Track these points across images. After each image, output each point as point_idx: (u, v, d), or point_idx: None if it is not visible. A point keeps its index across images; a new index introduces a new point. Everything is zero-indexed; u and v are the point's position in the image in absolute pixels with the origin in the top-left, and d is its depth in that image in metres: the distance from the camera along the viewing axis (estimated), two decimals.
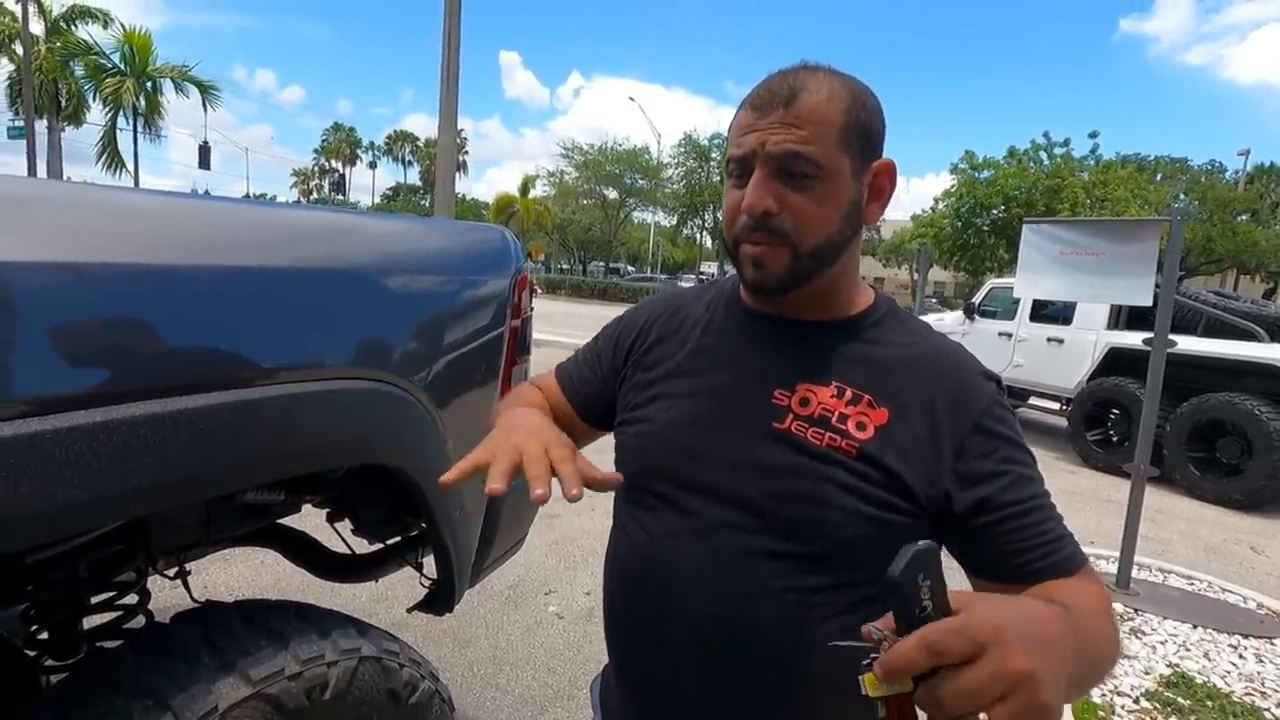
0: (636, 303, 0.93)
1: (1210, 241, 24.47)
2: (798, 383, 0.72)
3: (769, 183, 0.67)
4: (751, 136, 0.68)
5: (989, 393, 0.70)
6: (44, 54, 19.99)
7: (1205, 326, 5.89)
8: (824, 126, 0.67)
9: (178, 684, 0.86)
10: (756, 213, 0.68)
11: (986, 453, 0.67)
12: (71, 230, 0.81)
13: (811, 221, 0.68)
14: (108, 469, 0.75)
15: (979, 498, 0.66)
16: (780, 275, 0.70)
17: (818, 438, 0.69)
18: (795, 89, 0.67)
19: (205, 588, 2.72)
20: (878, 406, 0.69)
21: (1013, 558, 0.65)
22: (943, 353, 0.73)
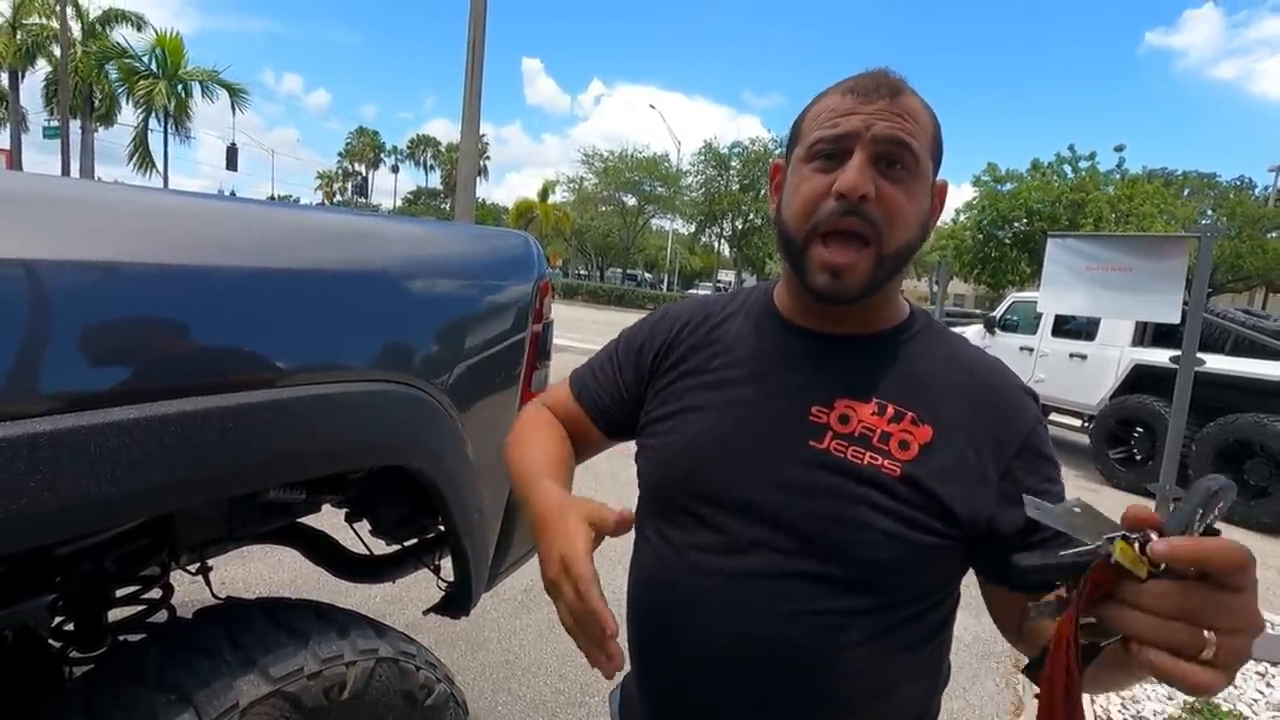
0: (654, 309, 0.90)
1: (1239, 258, 24.05)
2: (836, 399, 0.70)
3: (870, 167, 0.64)
4: (855, 118, 0.65)
5: (1033, 412, 0.70)
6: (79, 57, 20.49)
7: (1233, 345, 5.78)
8: (922, 128, 0.66)
9: (200, 679, 0.87)
10: (857, 194, 0.63)
11: (1031, 472, 0.67)
12: (104, 230, 0.82)
13: (902, 216, 0.65)
14: (139, 465, 0.76)
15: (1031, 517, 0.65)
16: (860, 284, 0.66)
17: (858, 457, 0.67)
18: (899, 86, 0.66)
19: (224, 584, 2.75)
20: (921, 424, 0.67)
21: None
22: (985, 368, 0.72)
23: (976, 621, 3.19)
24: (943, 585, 0.71)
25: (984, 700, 2.60)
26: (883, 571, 0.66)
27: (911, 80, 0.69)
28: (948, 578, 0.71)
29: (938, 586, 0.71)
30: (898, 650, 0.69)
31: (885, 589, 0.67)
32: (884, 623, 0.68)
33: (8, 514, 0.67)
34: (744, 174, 31.90)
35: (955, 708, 2.50)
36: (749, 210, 32.18)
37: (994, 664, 2.87)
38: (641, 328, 0.87)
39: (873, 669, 0.68)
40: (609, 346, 0.89)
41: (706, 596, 0.71)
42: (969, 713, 2.51)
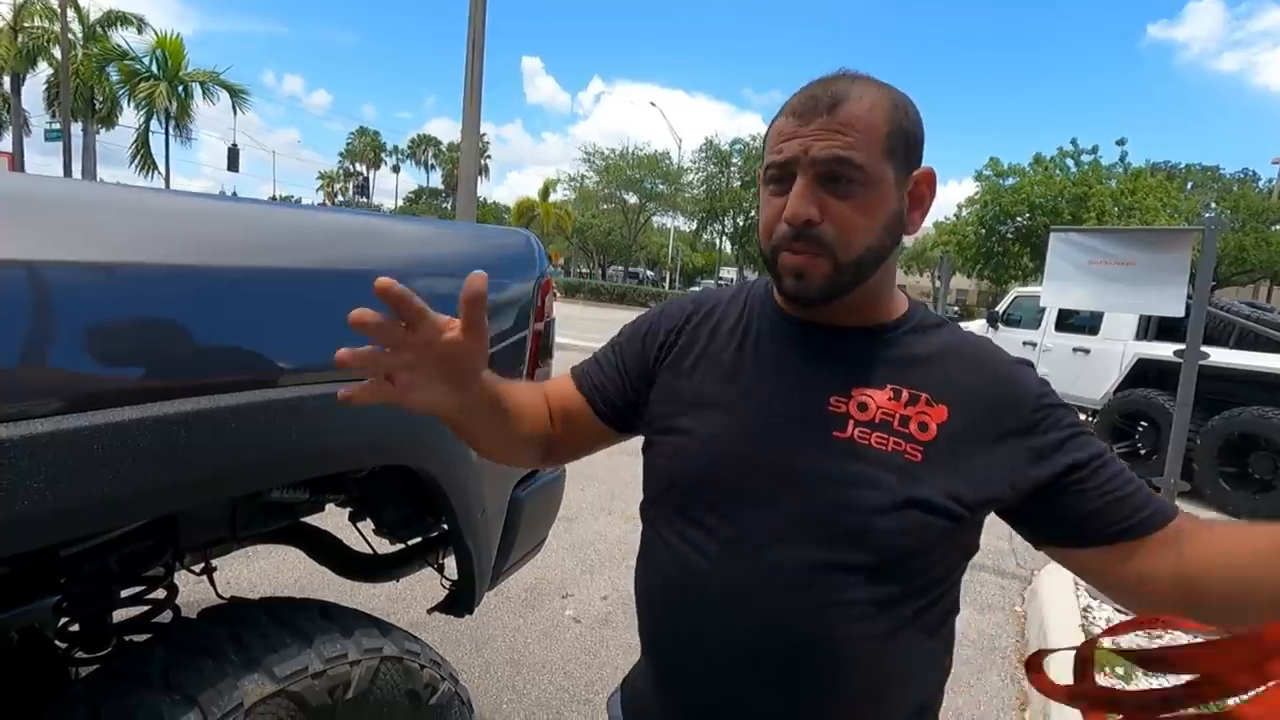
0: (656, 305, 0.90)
1: (1243, 251, 23.96)
2: (851, 388, 0.71)
3: (812, 190, 0.66)
4: (794, 143, 0.66)
5: (1033, 375, 0.72)
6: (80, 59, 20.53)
7: (1238, 338, 5.76)
8: (868, 134, 0.65)
9: (205, 680, 0.87)
10: (799, 222, 0.66)
11: (1053, 424, 0.68)
12: (107, 231, 0.82)
13: (854, 231, 0.67)
14: (142, 465, 0.76)
15: (1067, 462, 0.67)
16: (821, 286, 0.68)
17: (882, 443, 0.68)
18: (839, 96, 0.66)
19: (228, 584, 2.76)
20: (935, 404, 0.69)
21: (1117, 509, 0.65)
22: (980, 347, 0.75)
23: (981, 617, 3.19)
24: (955, 568, 0.73)
25: (989, 696, 2.60)
26: (913, 556, 0.67)
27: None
28: (961, 559, 0.73)
29: (952, 568, 0.72)
30: (921, 635, 0.70)
31: (910, 575, 0.68)
32: (906, 612, 0.68)
33: (10, 516, 0.67)
34: (745, 170, 31.89)
35: (960, 703, 2.50)
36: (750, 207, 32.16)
37: (999, 659, 2.87)
38: (645, 320, 0.87)
39: (893, 657, 0.68)
40: (612, 340, 0.89)
41: (733, 593, 0.70)
42: (974, 708, 2.50)
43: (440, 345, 0.62)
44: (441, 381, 0.65)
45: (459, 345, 0.62)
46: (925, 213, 0.73)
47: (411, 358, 0.62)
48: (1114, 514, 0.65)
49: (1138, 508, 0.65)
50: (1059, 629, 2.85)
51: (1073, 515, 0.66)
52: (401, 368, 0.63)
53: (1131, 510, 0.65)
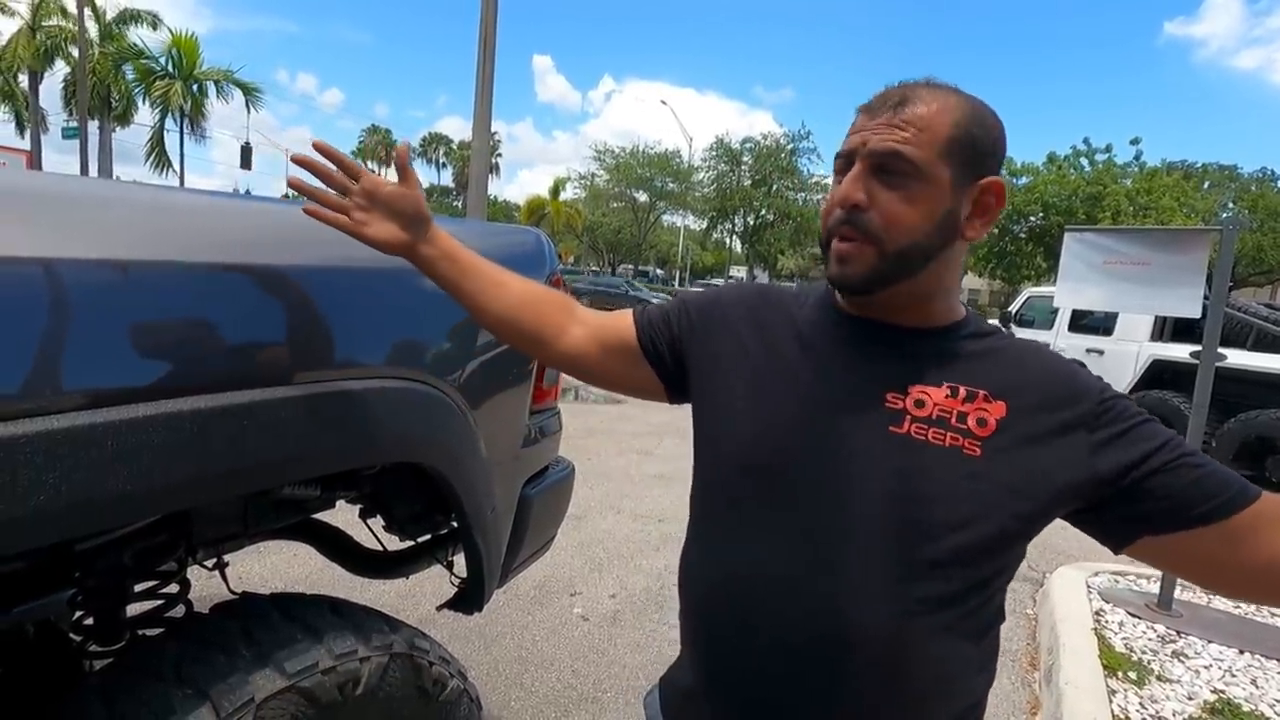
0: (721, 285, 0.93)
1: (1261, 252, 23.64)
2: (909, 385, 0.71)
3: (864, 178, 0.69)
4: (858, 135, 0.70)
5: (1092, 375, 0.72)
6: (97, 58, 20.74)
7: (1255, 340, 5.69)
8: (928, 133, 0.68)
9: (216, 674, 0.88)
10: (847, 204, 0.69)
11: (1119, 414, 0.68)
12: (122, 228, 0.83)
13: (899, 221, 0.68)
14: (155, 462, 0.77)
15: (1142, 449, 0.65)
16: (864, 273, 0.70)
17: (939, 439, 0.68)
18: (907, 97, 0.69)
19: (240, 579, 2.79)
20: (994, 400, 0.69)
21: (1202, 487, 0.64)
22: (1035, 350, 0.75)
23: None
24: (1006, 569, 0.72)
25: (1000, 699, 2.58)
26: (968, 553, 0.67)
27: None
28: (1013, 562, 0.72)
29: (1003, 569, 0.72)
30: (967, 638, 0.70)
31: (966, 573, 0.68)
32: (960, 610, 0.68)
33: (26, 511, 0.68)
34: (756, 169, 31.77)
35: None
36: (760, 206, 32.05)
37: (1010, 662, 2.85)
38: (704, 297, 0.90)
39: (945, 657, 0.68)
40: (673, 300, 0.93)
41: (783, 585, 0.71)
42: (986, 712, 2.48)
43: (382, 194, 0.85)
44: (390, 222, 0.86)
45: (396, 191, 0.85)
46: (989, 222, 0.74)
47: (362, 201, 0.85)
48: (1197, 496, 0.64)
49: (1223, 486, 0.64)
50: (1071, 632, 2.83)
51: (1159, 500, 0.65)
52: (354, 208, 0.85)
53: (1216, 490, 0.64)
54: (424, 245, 0.87)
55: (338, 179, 0.86)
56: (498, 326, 0.91)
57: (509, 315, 0.90)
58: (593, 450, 5.45)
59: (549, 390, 1.59)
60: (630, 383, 0.91)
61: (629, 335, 0.89)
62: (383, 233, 0.85)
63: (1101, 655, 2.66)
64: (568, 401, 7.87)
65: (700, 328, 0.86)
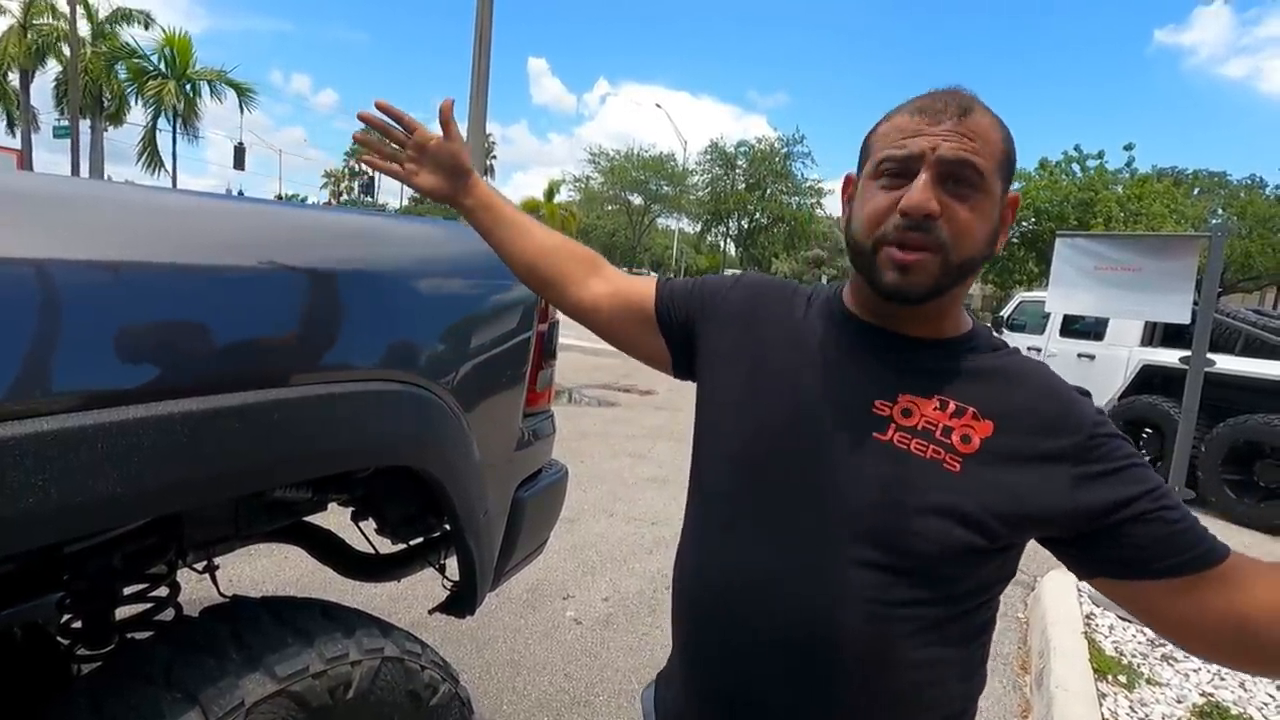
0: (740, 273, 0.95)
1: (1249, 258, 23.85)
2: (899, 394, 0.71)
3: (934, 187, 0.67)
4: (921, 139, 0.67)
5: (1090, 404, 0.71)
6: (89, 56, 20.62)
7: (1244, 345, 5.73)
8: (991, 146, 0.68)
9: (206, 678, 0.87)
10: (921, 213, 0.66)
11: (1107, 453, 0.67)
12: (112, 230, 0.82)
13: (968, 232, 0.68)
14: (145, 464, 0.77)
15: (1124, 494, 0.65)
16: (927, 283, 0.68)
17: (921, 449, 0.68)
18: (967, 105, 0.68)
19: (230, 582, 2.77)
20: (982, 419, 0.69)
21: (1172, 544, 0.63)
22: (1039, 372, 0.74)
23: None
24: (991, 586, 0.72)
25: (992, 703, 2.59)
26: (941, 564, 0.67)
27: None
28: (998, 579, 0.72)
29: (986, 586, 0.71)
30: (948, 645, 0.70)
31: (942, 582, 0.68)
32: (937, 617, 0.68)
33: (14, 513, 0.67)
34: (750, 173, 31.89)
35: None
36: (755, 209, 32.14)
37: (1001, 665, 2.86)
38: (722, 280, 0.91)
39: (920, 662, 0.68)
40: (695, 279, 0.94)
41: (764, 583, 0.71)
42: (977, 715, 2.49)
43: (430, 148, 0.96)
44: (436, 174, 0.97)
45: (443, 146, 0.96)
46: (1007, 236, 0.74)
47: (413, 154, 0.97)
48: (1166, 549, 0.63)
49: (1192, 544, 0.63)
50: (1062, 635, 2.84)
51: (1127, 547, 0.65)
52: (407, 159, 0.98)
53: (1185, 546, 0.63)
54: (463, 194, 0.98)
55: (396, 134, 0.97)
56: (520, 269, 0.98)
57: (531, 259, 0.96)
58: (586, 453, 5.44)
59: (542, 393, 1.59)
60: (640, 347, 0.93)
61: (649, 301, 0.91)
62: (428, 181, 0.97)
63: (1092, 659, 2.68)
64: (561, 404, 7.86)
65: (712, 313, 0.86)
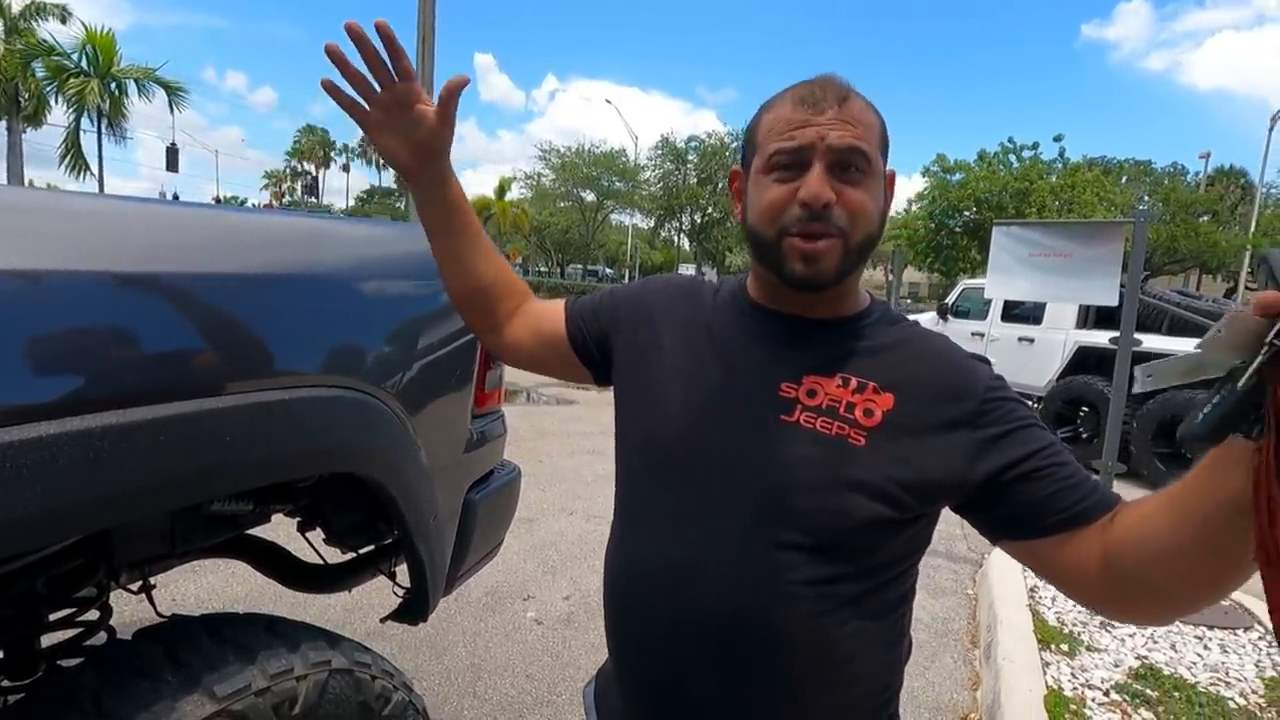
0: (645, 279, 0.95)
1: (1174, 242, 25.11)
2: (804, 375, 0.73)
3: (827, 176, 0.69)
4: (809, 130, 0.69)
5: (985, 369, 0.74)
6: (2, 54, 19.44)
7: (1170, 325, 6.04)
8: (870, 130, 0.71)
9: (139, 703, 0.84)
10: (819, 204, 0.68)
11: (1002, 415, 0.69)
12: (36, 236, 0.78)
13: (864, 215, 0.70)
14: (64, 483, 0.73)
15: (1015, 454, 0.66)
16: (832, 270, 0.70)
17: (827, 427, 0.70)
18: (844, 92, 0.71)
19: (174, 601, 2.66)
20: (882, 392, 0.71)
21: (1060, 499, 0.65)
22: (935, 342, 0.77)
23: (935, 601, 3.28)
24: (906, 557, 0.74)
25: (943, 677, 2.67)
26: (850, 540, 0.68)
27: (860, 76, 0.75)
28: (911, 551, 0.74)
29: (899, 558, 0.73)
30: (860, 620, 0.71)
31: (851, 559, 0.69)
32: (848, 593, 0.70)
33: None
34: (701, 168, 32.06)
35: (916, 685, 2.57)
36: (707, 204, 32.36)
37: (952, 641, 2.96)
38: (627, 290, 0.92)
39: (834, 639, 0.70)
40: (602, 294, 0.94)
41: (677, 571, 0.73)
42: (929, 690, 2.58)
43: (413, 112, 0.81)
44: (405, 140, 0.83)
45: (427, 118, 0.81)
46: (889, 212, 0.77)
47: (388, 101, 0.81)
48: (1057, 503, 0.65)
49: (1081, 497, 0.65)
50: (1007, 609, 2.95)
51: (1019, 506, 0.67)
52: (376, 110, 0.81)
53: (1075, 500, 0.65)
54: (429, 182, 0.86)
55: (383, 72, 0.79)
56: (460, 295, 0.93)
57: (476, 285, 0.91)
58: (544, 452, 5.40)
59: (491, 394, 1.57)
60: (561, 370, 0.94)
61: (560, 325, 0.91)
62: (392, 144, 0.83)
63: (1036, 629, 2.79)
64: (519, 404, 7.78)
65: (624, 320, 0.87)
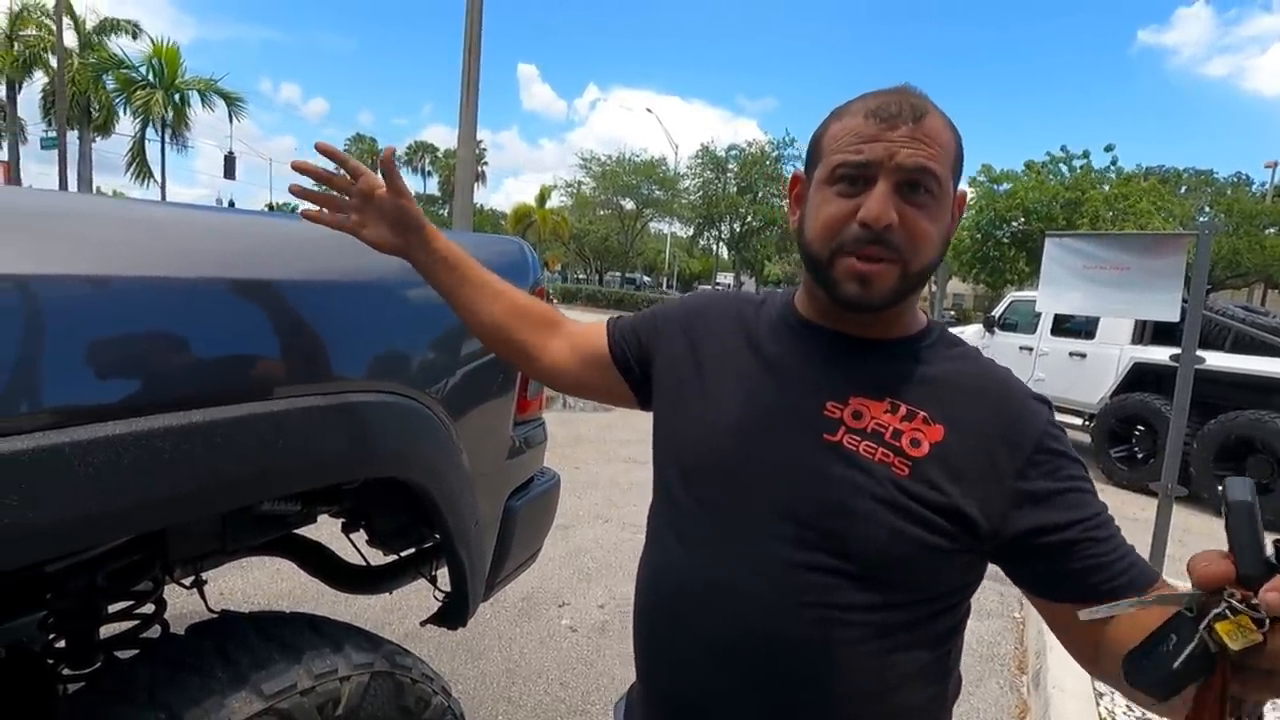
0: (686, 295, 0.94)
1: (1237, 255, 24.06)
2: (850, 396, 0.71)
3: (893, 196, 0.65)
4: (878, 146, 0.65)
5: (1044, 414, 0.70)
6: (77, 67, 20.52)
7: (1233, 342, 5.77)
8: (945, 150, 0.67)
9: (191, 697, 0.86)
10: (880, 226, 0.65)
11: (1050, 472, 0.66)
12: (97, 243, 0.81)
13: (925, 240, 0.67)
14: (127, 481, 0.75)
15: (1055, 519, 0.64)
16: (886, 294, 0.68)
17: (870, 452, 0.67)
18: (921, 109, 0.66)
19: (221, 595, 2.74)
20: (932, 424, 0.68)
21: (1091, 574, 0.64)
22: (995, 377, 0.73)
23: (980, 624, 3.18)
24: (954, 591, 0.71)
25: (989, 704, 2.58)
26: (891, 568, 0.66)
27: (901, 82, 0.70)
28: (960, 584, 0.71)
29: (948, 592, 0.70)
30: (902, 651, 0.68)
31: (893, 586, 0.67)
32: (889, 622, 0.67)
33: None
34: (741, 176, 31.97)
35: (959, 712, 2.47)
36: (746, 213, 32.23)
37: (998, 666, 2.86)
38: (668, 309, 0.91)
39: (874, 668, 0.67)
40: (646, 313, 0.93)
41: (710, 587, 0.71)
42: (974, 716, 2.49)
43: (376, 199, 0.89)
44: (386, 225, 0.90)
45: (389, 198, 0.89)
46: (954, 233, 0.74)
47: (358, 203, 0.90)
48: (1083, 578, 0.64)
49: (1109, 577, 0.63)
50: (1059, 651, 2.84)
51: (1043, 569, 0.66)
52: (352, 210, 0.90)
53: (1102, 579, 0.63)
54: (418, 248, 0.92)
55: (339, 181, 0.90)
56: (483, 333, 0.96)
57: (495, 324, 0.93)
58: (580, 459, 5.42)
59: (533, 401, 1.58)
60: (606, 393, 0.93)
61: (603, 346, 0.90)
62: (376, 235, 0.91)
63: None
64: (555, 410, 7.84)
65: (665, 337, 0.86)
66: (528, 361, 0.94)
